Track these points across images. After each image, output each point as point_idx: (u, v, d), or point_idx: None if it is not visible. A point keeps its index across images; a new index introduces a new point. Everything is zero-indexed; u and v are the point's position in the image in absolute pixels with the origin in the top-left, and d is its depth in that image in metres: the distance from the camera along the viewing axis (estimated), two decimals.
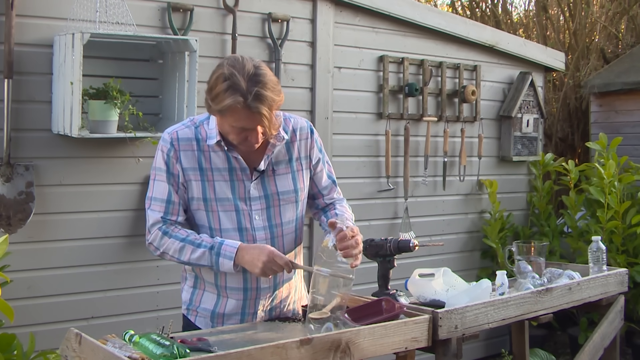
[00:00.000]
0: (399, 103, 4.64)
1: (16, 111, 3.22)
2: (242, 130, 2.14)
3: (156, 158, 2.27)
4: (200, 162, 2.24)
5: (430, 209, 4.83)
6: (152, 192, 2.27)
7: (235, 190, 2.26)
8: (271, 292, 2.35)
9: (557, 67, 5.63)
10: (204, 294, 2.35)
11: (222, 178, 2.25)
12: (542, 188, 5.31)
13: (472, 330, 2.46)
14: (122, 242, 3.52)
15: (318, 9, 4.21)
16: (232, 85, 2.06)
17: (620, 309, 3.30)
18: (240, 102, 2.06)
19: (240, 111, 2.08)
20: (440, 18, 4.85)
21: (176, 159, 2.23)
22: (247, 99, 2.06)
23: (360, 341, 2.11)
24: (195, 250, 2.19)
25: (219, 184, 2.24)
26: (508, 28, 8.36)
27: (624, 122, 6.11)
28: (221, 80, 2.08)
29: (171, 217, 2.24)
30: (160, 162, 2.25)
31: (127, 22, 3.31)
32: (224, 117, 2.13)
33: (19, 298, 3.21)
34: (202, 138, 2.25)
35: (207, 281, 2.33)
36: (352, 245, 2.14)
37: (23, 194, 3.22)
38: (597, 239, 3.23)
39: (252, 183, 2.27)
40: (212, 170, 2.24)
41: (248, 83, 2.06)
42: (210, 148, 2.24)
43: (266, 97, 2.08)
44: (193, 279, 2.37)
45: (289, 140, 2.33)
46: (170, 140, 2.24)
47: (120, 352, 1.83)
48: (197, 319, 2.36)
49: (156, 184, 2.26)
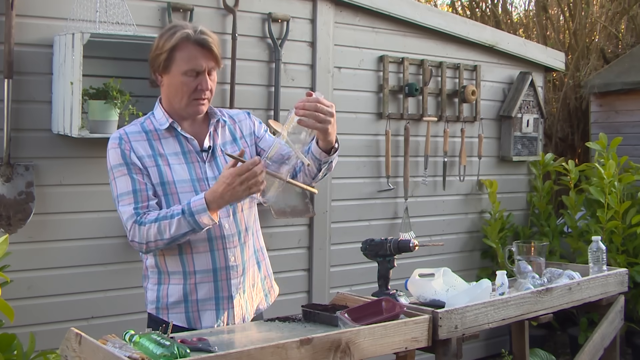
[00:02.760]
0: (399, 103, 4.64)
1: (16, 111, 3.22)
2: (193, 77, 2.23)
3: (109, 158, 2.28)
4: (154, 149, 2.29)
5: (430, 209, 4.83)
6: (117, 190, 2.26)
7: (192, 171, 2.29)
8: (241, 270, 2.33)
9: (557, 67, 5.63)
10: (169, 288, 2.31)
11: (177, 161, 2.29)
12: (542, 188, 5.31)
13: (472, 330, 2.46)
14: (122, 242, 3.52)
15: (318, 9, 4.21)
16: (176, 26, 2.25)
17: (620, 309, 3.30)
18: (189, 35, 2.21)
19: (190, 47, 2.21)
20: (440, 18, 4.85)
21: (129, 150, 2.26)
22: (196, 32, 2.22)
23: (360, 341, 2.11)
24: (171, 222, 2.17)
25: (175, 167, 2.28)
26: (508, 28, 8.36)
27: (624, 122, 6.11)
28: (164, 31, 2.27)
29: (142, 204, 2.23)
30: (115, 159, 2.26)
31: (127, 22, 3.31)
32: (173, 62, 2.22)
33: (19, 298, 3.21)
34: (151, 130, 2.32)
35: (172, 272, 2.30)
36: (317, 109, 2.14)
37: (23, 194, 3.22)
38: (597, 239, 3.23)
39: (206, 164, 2.32)
40: (167, 155, 2.29)
41: (191, 26, 2.25)
42: (160, 135, 2.31)
43: (209, 33, 2.24)
44: (156, 276, 2.34)
45: (230, 124, 2.43)
46: (119, 136, 2.29)
47: (120, 352, 1.83)
48: (170, 316, 2.31)
49: (118, 181, 2.25)
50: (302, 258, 4.20)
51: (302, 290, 4.19)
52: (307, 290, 4.22)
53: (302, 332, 2.22)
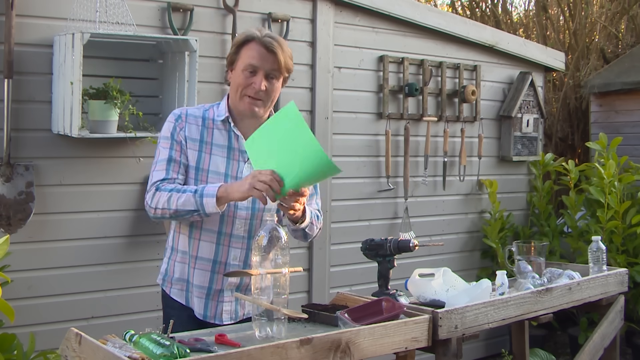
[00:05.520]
0: (399, 103, 4.64)
1: (16, 111, 3.22)
2: (250, 73, 2.33)
3: (163, 128, 2.42)
4: (203, 135, 2.40)
5: (430, 209, 4.83)
6: (157, 157, 2.40)
7: (229, 167, 2.39)
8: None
9: (557, 67, 5.63)
10: (175, 265, 2.46)
11: (219, 154, 2.39)
12: (542, 188, 5.31)
13: (472, 330, 2.47)
14: (122, 242, 3.52)
15: (318, 9, 4.21)
16: (250, 29, 2.40)
17: (620, 309, 3.30)
18: (255, 35, 2.34)
19: (255, 46, 2.33)
20: (440, 18, 4.85)
21: (180, 128, 2.39)
22: (262, 35, 2.35)
23: (360, 341, 2.11)
24: (181, 196, 2.28)
25: (215, 158, 2.39)
26: (508, 28, 8.36)
27: (624, 122, 6.11)
28: (240, 33, 2.44)
29: (172, 174, 2.35)
30: (167, 131, 2.40)
31: (127, 22, 3.31)
32: (238, 59, 2.35)
33: (19, 298, 3.21)
34: (209, 117, 2.43)
35: (180, 250, 2.45)
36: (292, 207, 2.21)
37: (23, 194, 3.22)
38: (597, 239, 3.23)
39: (245, 164, 2.40)
40: (212, 144, 2.40)
41: (265, 32, 2.39)
42: (215, 125, 2.41)
43: (279, 40, 2.37)
44: (170, 251, 2.50)
45: None
46: (179, 114, 2.42)
47: (120, 352, 1.83)
48: (172, 290, 2.47)
49: (161, 150, 2.40)
50: (302, 258, 4.19)
51: (302, 290, 4.19)
52: (307, 290, 4.23)
53: (302, 332, 2.22)
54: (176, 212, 2.29)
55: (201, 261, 2.40)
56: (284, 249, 2.09)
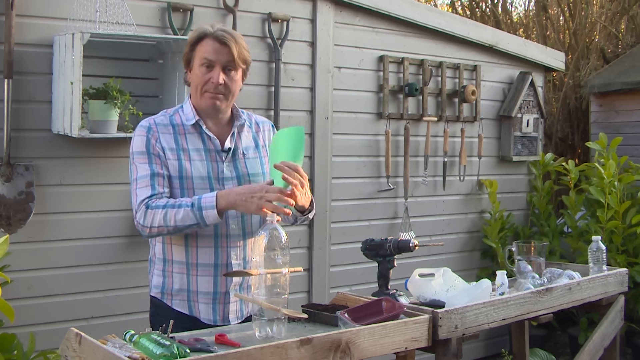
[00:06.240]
0: (399, 103, 4.64)
1: (16, 111, 3.22)
2: (208, 67, 2.32)
3: (134, 143, 2.36)
4: (178, 143, 2.37)
5: (430, 209, 4.83)
6: (136, 174, 2.33)
7: (210, 169, 2.37)
8: (240, 269, 2.38)
9: (557, 67, 5.63)
10: (173, 276, 2.40)
11: (198, 158, 2.37)
12: (542, 188, 5.31)
13: (472, 330, 2.46)
14: (122, 242, 3.52)
15: (318, 9, 4.21)
16: (201, 26, 2.38)
17: (620, 309, 3.30)
18: (207, 31, 2.34)
19: (208, 41, 2.33)
20: (440, 18, 4.85)
21: (155, 140, 2.34)
22: (214, 30, 2.34)
23: (360, 341, 2.11)
24: (178, 212, 2.24)
25: (195, 164, 2.36)
26: (508, 28, 8.36)
27: (624, 122, 6.11)
28: (191, 32, 2.43)
29: (159, 189, 2.30)
30: (140, 146, 2.34)
31: (127, 22, 3.31)
32: (193, 57, 2.35)
33: (19, 298, 3.21)
34: (178, 123, 2.40)
35: (175, 261, 2.39)
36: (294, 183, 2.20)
37: (23, 194, 3.22)
38: (597, 239, 3.23)
39: (224, 164, 2.39)
40: (189, 150, 2.37)
41: (217, 26, 2.37)
42: (186, 130, 2.39)
43: (232, 33, 2.35)
44: (162, 263, 2.42)
45: (254, 131, 2.51)
46: (148, 125, 2.37)
47: (120, 352, 1.83)
48: (174, 302, 2.40)
49: (139, 167, 2.33)
50: (302, 258, 4.19)
51: (302, 290, 4.19)
52: (307, 290, 4.22)
53: (302, 332, 2.22)
54: (175, 229, 2.26)
55: (203, 267, 2.37)
56: (284, 249, 2.09)
